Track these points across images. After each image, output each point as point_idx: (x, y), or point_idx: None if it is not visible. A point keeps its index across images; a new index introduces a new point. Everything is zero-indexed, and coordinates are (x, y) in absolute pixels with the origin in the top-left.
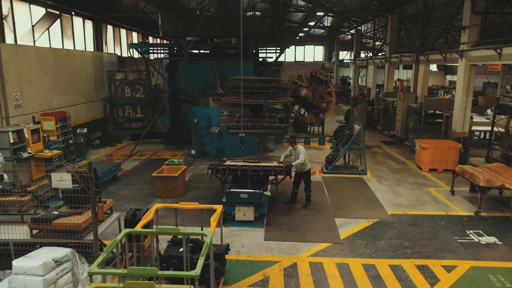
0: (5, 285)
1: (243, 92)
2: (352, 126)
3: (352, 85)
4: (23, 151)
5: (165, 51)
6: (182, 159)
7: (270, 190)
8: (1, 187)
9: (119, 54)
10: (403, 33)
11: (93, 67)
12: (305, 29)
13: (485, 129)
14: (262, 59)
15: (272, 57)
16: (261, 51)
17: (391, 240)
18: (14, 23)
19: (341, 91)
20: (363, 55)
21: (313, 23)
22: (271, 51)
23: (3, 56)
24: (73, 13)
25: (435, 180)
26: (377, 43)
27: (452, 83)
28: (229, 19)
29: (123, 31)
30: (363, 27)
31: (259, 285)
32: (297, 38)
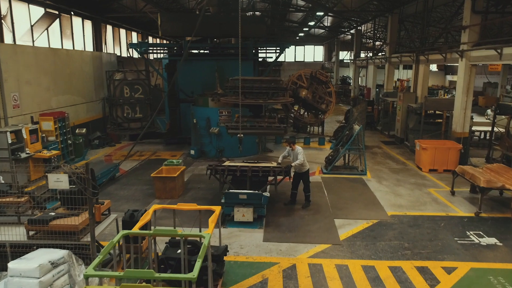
0: (1, 287)
1: (242, 92)
2: (352, 126)
3: (352, 85)
4: (21, 151)
5: (165, 51)
6: (181, 160)
7: (269, 190)
8: None
9: (119, 54)
10: (403, 33)
11: (92, 67)
12: (305, 29)
13: (485, 129)
14: (262, 59)
15: (272, 57)
16: (261, 51)
17: (391, 241)
18: (13, 23)
19: (341, 91)
20: (363, 55)
21: (313, 23)
22: (271, 51)
23: (1, 56)
24: (72, 13)
25: (435, 180)
26: (377, 43)
27: (452, 83)
28: (228, 19)
29: (123, 31)
30: (363, 27)
31: (257, 287)
32: (297, 38)
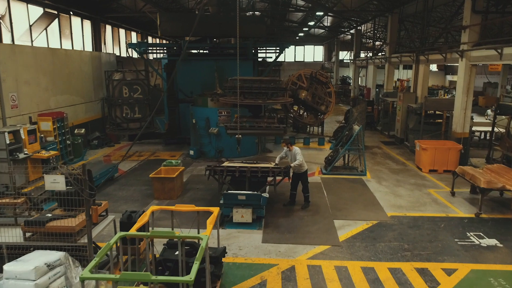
0: None
1: (242, 92)
2: (351, 126)
3: (352, 85)
4: (19, 152)
5: (164, 51)
6: (180, 160)
7: (268, 191)
8: None
9: (118, 54)
10: (403, 33)
11: (91, 67)
12: (304, 29)
13: (486, 129)
14: (261, 59)
15: (271, 57)
16: (261, 51)
17: (391, 242)
18: (11, 23)
19: (341, 91)
20: (363, 55)
21: (312, 23)
22: (271, 51)
23: (0, 56)
24: (71, 12)
25: (435, 181)
26: (377, 43)
27: (452, 83)
28: (228, 18)
29: (122, 31)
30: (363, 27)
31: None
32: (297, 38)
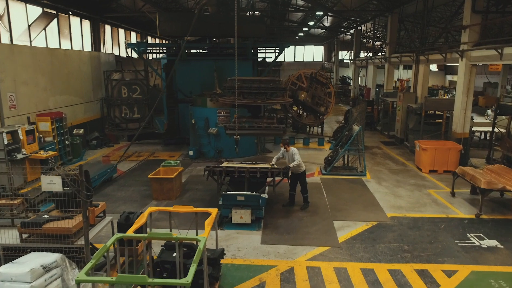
0: None
1: (241, 92)
2: (351, 126)
3: (351, 85)
4: (17, 152)
5: (163, 51)
6: (179, 160)
7: (267, 192)
8: None
9: (117, 54)
10: (403, 33)
11: (91, 67)
12: (304, 29)
13: (486, 129)
14: (261, 59)
15: (271, 57)
16: (260, 51)
17: (390, 243)
18: (10, 23)
19: (341, 91)
20: (363, 55)
21: (312, 23)
22: (271, 51)
23: None
24: (70, 12)
25: (435, 181)
26: (377, 43)
27: (452, 83)
28: (227, 18)
29: (121, 31)
30: (363, 27)
31: None
32: (297, 38)
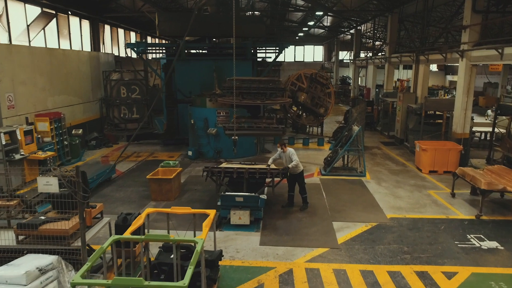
0: None
1: (240, 92)
2: (351, 127)
3: (351, 85)
4: (15, 152)
5: (163, 51)
6: (178, 161)
7: (266, 193)
8: None
9: (117, 54)
10: (403, 32)
11: (90, 67)
12: (304, 29)
13: (486, 130)
14: (261, 59)
15: (270, 57)
16: (260, 51)
17: (390, 245)
18: (8, 23)
19: (341, 91)
20: (362, 55)
21: (312, 23)
22: (270, 51)
23: None
24: (70, 12)
25: (435, 182)
26: (377, 43)
27: (452, 83)
28: (227, 18)
29: (121, 31)
30: (363, 27)
31: None
32: (297, 38)
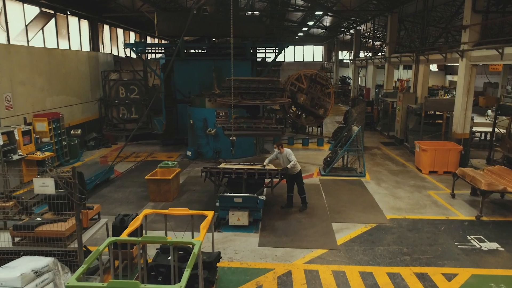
0: None
1: (240, 92)
2: (350, 127)
3: (351, 85)
4: (13, 153)
5: (162, 51)
6: (176, 161)
7: (266, 193)
8: None
9: (116, 54)
10: (403, 32)
11: (88, 67)
12: (304, 29)
13: (486, 130)
14: (261, 59)
15: (270, 57)
16: (260, 51)
17: (390, 246)
18: (7, 23)
19: (341, 91)
20: (362, 55)
21: (312, 23)
22: (270, 51)
23: None
24: (68, 12)
25: (435, 182)
26: (377, 43)
27: (452, 83)
28: (226, 18)
29: (120, 31)
30: (363, 27)
31: None
32: (297, 38)
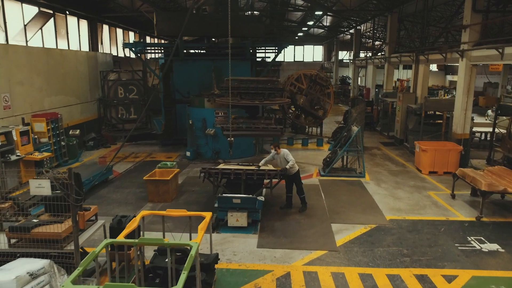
0: None
1: (238, 93)
2: (350, 127)
3: (351, 85)
4: (11, 153)
5: (161, 51)
6: (175, 162)
7: (265, 194)
8: None
9: (115, 54)
10: (402, 32)
11: (87, 67)
12: (304, 29)
13: (486, 130)
14: (261, 59)
15: (270, 57)
16: (259, 51)
17: (389, 247)
18: (5, 22)
19: (341, 91)
20: (362, 55)
21: (312, 23)
22: (270, 51)
23: None
24: (68, 12)
25: (435, 183)
26: (377, 42)
27: (452, 83)
28: (226, 18)
29: (120, 31)
30: (363, 27)
31: None
32: (296, 37)
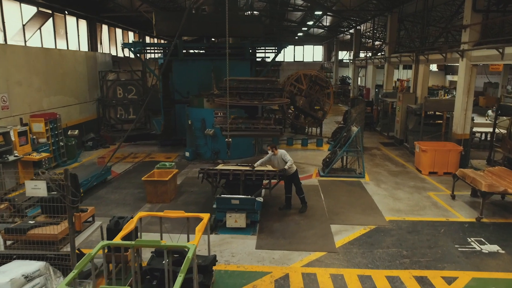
0: None
1: (238, 93)
2: (350, 127)
3: (351, 85)
4: (9, 154)
5: (160, 51)
6: (174, 162)
7: (263, 195)
8: None
9: (115, 54)
10: (402, 32)
11: (86, 67)
12: (304, 29)
13: (486, 130)
14: (260, 59)
15: (269, 57)
16: (259, 51)
17: (389, 248)
18: (3, 22)
19: (340, 91)
20: (362, 55)
21: (311, 23)
22: (269, 51)
23: None
24: (67, 12)
25: (435, 183)
26: (377, 42)
27: (452, 83)
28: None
29: (119, 31)
30: (362, 27)
31: None
32: (296, 37)
